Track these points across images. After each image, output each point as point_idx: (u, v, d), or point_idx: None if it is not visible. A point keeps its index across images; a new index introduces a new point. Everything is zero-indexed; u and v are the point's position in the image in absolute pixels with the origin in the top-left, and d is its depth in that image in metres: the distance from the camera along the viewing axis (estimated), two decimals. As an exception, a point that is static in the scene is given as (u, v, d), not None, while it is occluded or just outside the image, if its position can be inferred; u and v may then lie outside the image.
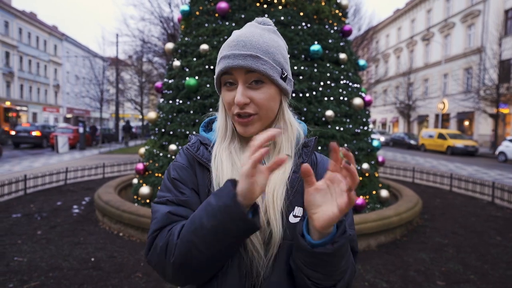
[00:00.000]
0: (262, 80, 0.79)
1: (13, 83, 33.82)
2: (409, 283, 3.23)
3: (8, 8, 32.87)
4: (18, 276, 3.18)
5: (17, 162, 12.29)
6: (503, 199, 6.65)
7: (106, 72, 25.28)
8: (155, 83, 6.21)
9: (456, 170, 12.33)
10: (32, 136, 18.31)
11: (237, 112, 0.78)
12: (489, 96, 19.94)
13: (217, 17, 5.37)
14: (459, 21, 26.33)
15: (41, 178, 7.23)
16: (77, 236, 4.28)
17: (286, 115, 0.86)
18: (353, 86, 5.58)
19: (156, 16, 18.81)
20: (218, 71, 0.81)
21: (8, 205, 5.76)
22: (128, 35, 24.11)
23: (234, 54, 0.78)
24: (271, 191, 0.78)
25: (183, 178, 0.83)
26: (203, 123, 0.95)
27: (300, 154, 0.86)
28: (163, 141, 5.28)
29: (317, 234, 0.68)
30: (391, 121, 36.49)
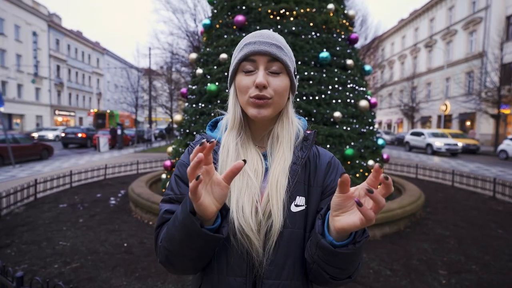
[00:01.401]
0: (280, 71, 0.76)
1: (63, 92, 35.23)
2: (411, 272, 3.08)
3: (59, 28, 34.25)
4: (62, 258, 3.26)
5: (66, 159, 12.76)
6: (505, 194, 6.29)
7: (141, 81, 25.91)
8: (181, 90, 6.26)
9: (458, 167, 11.80)
10: (78, 138, 18.93)
11: (255, 94, 0.74)
12: (490, 98, 19.01)
13: (235, 29, 5.34)
14: (461, 28, 25.24)
15: (84, 173, 7.45)
16: (113, 224, 4.36)
17: (290, 111, 0.82)
18: (359, 89, 5.42)
19: (183, 31, 19.04)
20: (240, 56, 0.77)
21: (56, 197, 5.96)
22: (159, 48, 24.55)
23: (260, 41, 0.76)
24: (274, 183, 0.75)
25: (184, 176, 0.79)
26: (210, 122, 0.91)
27: (301, 147, 0.82)
28: (187, 140, 5.31)
29: (335, 234, 0.64)
30: (396, 122, 35.46)
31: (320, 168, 0.82)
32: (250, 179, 0.75)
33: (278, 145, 0.80)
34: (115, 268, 3.05)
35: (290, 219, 0.74)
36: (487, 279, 2.98)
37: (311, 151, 0.84)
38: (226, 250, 0.74)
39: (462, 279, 2.95)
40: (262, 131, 0.83)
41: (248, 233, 0.71)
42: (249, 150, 0.80)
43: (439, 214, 5.09)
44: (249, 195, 0.74)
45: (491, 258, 3.45)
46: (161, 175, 6.40)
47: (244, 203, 0.73)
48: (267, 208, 0.73)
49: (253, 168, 0.77)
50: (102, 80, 44.13)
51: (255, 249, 0.72)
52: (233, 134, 0.80)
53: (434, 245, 3.78)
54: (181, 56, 20.51)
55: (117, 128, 19.36)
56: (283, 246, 0.74)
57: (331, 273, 0.68)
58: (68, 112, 36.08)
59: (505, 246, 3.81)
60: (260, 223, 0.74)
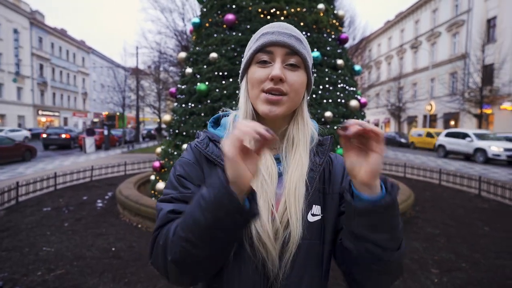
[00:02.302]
0: (298, 65, 0.70)
1: (47, 92, 34.22)
2: (404, 271, 3.09)
3: (41, 25, 33.24)
4: (46, 264, 3.12)
5: (50, 161, 12.37)
6: (489, 191, 6.44)
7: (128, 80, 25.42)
8: (170, 89, 6.14)
9: (444, 165, 12.07)
10: (61, 139, 18.09)
11: (269, 88, 0.68)
12: (473, 98, 19.55)
13: (225, 28, 5.27)
14: (444, 30, 25.89)
15: (70, 175, 7.23)
16: (100, 228, 4.22)
17: (305, 111, 0.76)
18: (349, 89, 5.44)
19: (171, 30, 18.80)
20: (256, 46, 0.70)
21: (40, 200, 5.74)
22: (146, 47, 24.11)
23: (278, 31, 0.70)
24: (292, 190, 0.69)
25: (189, 174, 0.72)
26: (212, 119, 0.83)
27: (316, 153, 0.76)
28: (177, 141, 5.21)
29: (368, 191, 0.58)
30: (383, 122, 36.06)
31: (335, 174, 0.77)
32: (265, 183, 0.69)
33: (294, 149, 0.73)
34: (102, 274, 2.93)
35: (308, 230, 0.68)
36: (477, 277, 3.01)
37: (326, 157, 0.78)
38: (239, 261, 0.67)
39: (453, 277, 2.98)
40: (274, 132, 0.77)
41: (265, 240, 0.65)
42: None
43: (428, 213, 5.16)
44: (265, 200, 0.68)
45: (480, 256, 3.50)
46: (149, 176, 6.26)
47: (260, 208, 0.65)
48: (284, 217, 0.67)
49: (267, 171, 0.70)
50: (87, 79, 43.11)
51: (272, 259, 0.66)
52: None
53: (425, 243, 3.82)
54: (169, 56, 20.25)
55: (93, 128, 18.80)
56: (301, 259, 0.68)
57: (381, 241, 0.59)
58: (52, 112, 35.07)
59: (492, 244, 3.88)
60: (277, 231, 0.67)
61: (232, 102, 4.81)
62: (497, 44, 19.86)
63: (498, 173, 10.33)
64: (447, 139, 15.19)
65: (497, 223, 4.70)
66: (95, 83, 44.88)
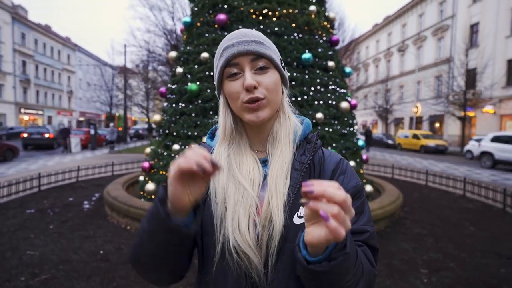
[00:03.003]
0: (267, 66, 0.71)
1: (30, 89, 33.19)
2: (394, 272, 3.13)
3: (24, 20, 32.24)
4: (30, 269, 3.01)
5: (33, 161, 11.99)
6: (474, 192, 6.62)
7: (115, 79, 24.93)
8: (160, 89, 6.05)
9: (429, 166, 12.35)
10: (45, 138, 16.96)
11: (248, 98, 0.68)
12: (457, 101, 20.11)
13: (216, 28, 5.23)
14: (430, 34, 26.54)
15: (54, 175, 7.02)
16: (87, 230, 4.11)
17: (285, 106, 0.77)
18: (340, 91, 5.49)
19: (160, 29, 18.57)
20: (222, 62, 0.71)
21: (23, 201, 5.55)
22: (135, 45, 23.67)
23: (238, 41, 0.70)
24: (273, 182, 0.69)
25: None
26: (210, 131, 0.85)
27: (304, 151, 0.75)
28: (167, 141, 5.13)
29: (311, 248, 0.55)
30: (370, 123, 36.65)
31: (325, 173, 0.74)
32: (245, 190, 0.69)
33: (277, 143, 0.74)
34: (90, 278, 2.85)
35: (293, 232, 0.65)
36: (464, 275, 3.08)
37: (316, 155, 0.77)
38: (224, 273, 0.67)
39: (442, 277, 3.04)
40: (262, 134, 0.77)
41: (246, 249, 0.64)
42: (244, 158, 0.74)
43: (416, 214, 5.26)
44: (245, 207, 0.67)
45: (466, 255, 3.59)
46: (138, 177, 6.14)
47: (240, 217, 0.66)
48: (267, 212, 0.66)
49: (248, 177, 0.71)
50: (73, 77, 42.06)
51: (255, 267, 0.65)
52: (224, 146, 0.75)
53: (414, 244, 3.88)
54: (158, 55, 19.99)
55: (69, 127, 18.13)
56: (286, 263, 0.65)
57: None
58: (36, 111, 34.04)
59: (477, 243, 3.98)
60: (258, 235, 0.66)
61: (224, 103, 4.79)
62: (479, 49, 20.50)
63: (481, 174, 10.64)
64: (496, 145, 11.64)
65: (481, 223, 4.84)
66: (81, 81, 43.83)
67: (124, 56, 21.78)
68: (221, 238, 0.67)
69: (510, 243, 4.02)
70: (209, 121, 4.75)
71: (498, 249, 3.79)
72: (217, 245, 0.67)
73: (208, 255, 0.70)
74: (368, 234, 0.69)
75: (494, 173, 10.86)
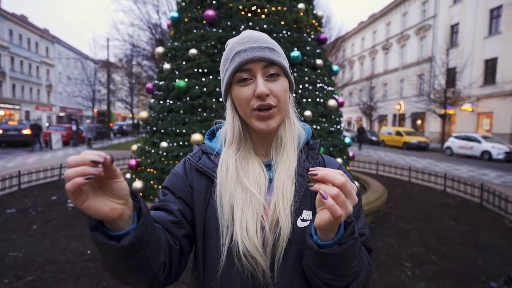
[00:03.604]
0: (278, 73, 0.72)
1: (5, 83, 31.74)
2: (380, 266, 3.24)
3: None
4: (13, 271, 2.92)
5: (11, 158, 11.54)
6: (453, 188, 6.90)
7: (98, 73, 24.23)
8: (146, 85, 5.94)
9: (412, 163, 12.74)
10: (22, 135, 15.47)
11: (258, 105, 0.69)
12: (438, 99, 20.77)
13: (204, 24, 5.18)
14: (413, 33, 27.19)
15: (36, 173, 6.79)
16: (73, 230, 4.02)
17: (291, 112, 0.79)
18: (328, 89, 5.57)
19: (144, 22, 18.16)
20: (233, 67, 0.71)
21: (2, 201, 5.35)
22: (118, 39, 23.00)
23: (251, 47, 0.70)
24: (280, 188, 0.71)
25: (172, 186, 0.77)
26: (209, 132, 0.86)
27: (307, 157, 0.78)
28: (154, 138, 5.06)
29: (321, 234, 0.60)
30: (355, 120, 37.34)
31: None
32: (253, 195, 0.71)
33: (282, 149, 0.76)
34: (79, 279, 2.80)
35: (297, 236, 0.69)
36: (446, 268, 3.23)
37: (317, 161, 0.80)
38: (230, 278, 0.69)
39: (425, 270, 3.18)
40: (266, 140, 0.79)
41: (254, 254, 0.67)
42: (251, 164, 0.76)
43: (400, 209, 5.44)
44: (253, 211, 0.69)
45: (447, 249, 3.75)
46: (125, 174, 6.04)
47: (248, 221, 0.68)
48: (274, 216, 0.69)
49: (255, 183, 0.73)
50: (52, 71, 40.50)
51: (261, 270, 0.68)
52: (232, 150, 0.76)
53: (398, 239, 4.03)
54: (143, 49, 19.59)
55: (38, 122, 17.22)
56: (290, 264, 0.69)
57: (323, 278, 0.63)
58: (12, 105, 32.64)
59: (457, 237, 4.18)
60: (266, 237, 0.69)
61: (212, 100, 4.76)
62: (459, 49, 21.21)
63: (459, 170, 11.09)
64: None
65: (460, 217, 5.06)
66: (61, 75, 42.28)
67: (107, 50, 21.23)
68: (227, 243, 0.68)
69: (486, 236, 4.24)
70: (197, 118, 4.72)
71: (476, 242, 3.99)
72: (223, 251, 0.68)
73: (211, 259, 0.71)
74: (365, 236, 0.74)
75: (472, 169, 11.34)
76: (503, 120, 18.33)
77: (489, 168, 11.75)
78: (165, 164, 4.67)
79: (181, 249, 0.72)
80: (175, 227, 0.71)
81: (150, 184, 4.69)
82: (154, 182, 4.69)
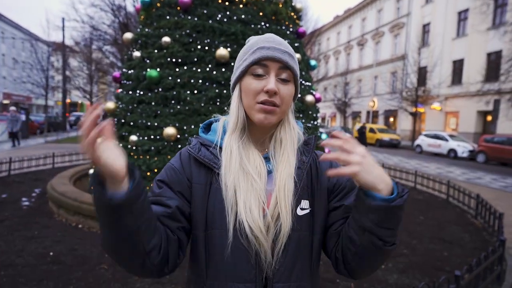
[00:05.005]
0: (289, 79, 0.81)
1: None
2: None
3: None
4: (-35, 276, 2.77)
5: None
6: (423, 184, 7.44)
7: (52, 57, 22.71)
8: (113, 73, 5.75)
9: (384, 160, 13.48)
10: None
11: (264, 99, 0.78)
12: (409, 97, 22.00)
13: (179, 10, 5.10)
14: (387, 30, 28.47)
15: (-19, 169, 6.33)
16: (30, 230, 3.84)
17: (291, 117, 0.88)
18: (305, 84, 5.74)
19: (107, 3, 17.31)
20: (252, 59, 0.79)
21: None
22: (76, 20, 21.74)
23: (273, 47, 0.79)
24: (282, 186, 0.78)
25: (169, 179, 0.81)
26: (203, 125, 0.92)
27: (303, 151, 0.87)
28: (123, 131, 4.93)
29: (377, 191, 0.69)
30: (329, 116, 38.49)
31: (321, 171, 0.88)
32: (255, 181, 0.78)
33: (282, 149, 0.84)
34: (41, 282, 2.72)
35: (297, 222, 0.79)
36: (416, 260, 3.55)
37: (312, 156, 0.89)
38: (234, 255, 0.76)
39: (397, 262, 3.46)
40: (263, 135, 0.87)
41: (258, 234, 0.75)
42: (251, 152, 0.83)
43: (373, 205, 5.79)
44: (255, 197, 0.77)
45: (416, 242, 4.10)
46: (87, 170, 5.83)
47: (251, 205, 0.76)
48: (275, 211, 0.77)
49: (256, 170, 0.80)
50: (-5, 52, 37.25)
51: (264, 250, 0.76)
52: (235, 136, 0.82)
53: (372, 233, 4.31)
54: (104, 32, 18.69)
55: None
56: (292, 248, 0.79)
57: (385, 237, 0.70)
58: None
59: (426, 231, 4.56)
60: (268, 225, 0.77)
61: (187, 92, 4.73)
62: (430, 49, 22.60)
63: (428, 167, 11.93)
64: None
65: (429, 212, 5.51)
66: (4, 56, 38.99)
67: (63, 31, 19.97)
68: (232, 221, 0.76)
69: (451, 229, 4.67)
70: (170, 111, 4.67)
71: (442, 235, 4.39)
72: (229, 228, 0.76)
73: (216, 246, 0.78)
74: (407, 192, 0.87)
75: (439, 166, 12.24)
76: (468, 120, 19.90)
77: (454, 165, 12.76)
78: (135, 159, 4.58)
79: (179, 240, 0.78)
80: (171, 220, 0.77)
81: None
82: (122, 178, 4.58)
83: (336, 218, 0.84)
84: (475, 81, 17.98)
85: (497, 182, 9.33)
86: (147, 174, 4.48)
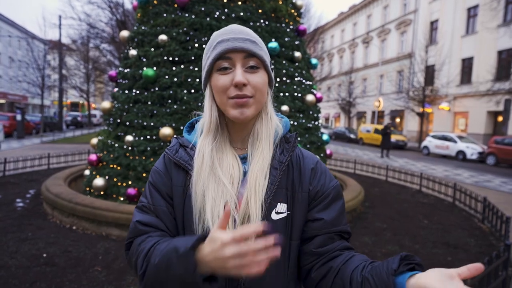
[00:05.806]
0: (257, 66, 0.78)
1: None
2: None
3: None
4: (-43, 277, 2.82)
5: None
6: (428, 187, 7.44)
7: (48, 56, 22.89)
8: (109, 72, 5.80)
9: (389, 162, 13.46)
10: None
11: (235, 94, 0.75)
12: (416, 97, 21.92)
13: (176, 7, 5.16)
14: (394, 27, 28.44)
15: (-25, 169, 6.41)
16: (24, 232, 3.90)
17: (269, 107, 0.84)
18: (306, 83, 5.78)
19: (104, 1, 17.45)
20: (214, 55, 0.77)
21: None
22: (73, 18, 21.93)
23: (233, 37, 0.77)
24: (253, 182, 0.77)
25: (156, 184, 0.82)
26: (187, 124, 0.91)
27: (282, 150, 0.84)
28: (118, 131, 4.99)
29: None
30: (333, 116, 38.44)
31: (304, 172, 0.84)
32: (225, 187, 0.76)
33: (258, 143, 0.82)
34: (34, 284, 2.76)
35: (272, 227, 0.73)
36: (417, 265, 3.56)
37: (294, 154, 0.86)
38: None
39: (397, 267, 3.47)
40: (243, 132, 0.84)
41: None
42: (225, 155, 0.81)
43: (376, 208, 5.80)
44: (224, 202, 0.75)
45: (419, 247, 4.11)
46: (83, 170, 5.89)
47: (219, 212, 0.74)
48: (246, 210, 0.75)
49: (228, 174, 0.79)
50: (-10, 50, 37.54)
51: None
52: (208, 139, 0.81)
53: (374, 237, 4.33)
54: (101, 30, 18.83)
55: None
56: None
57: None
58: None
59: (429, 235, 4.57)
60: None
61: (184, 91, 4.78)
62: (438, 46, 22.53)
63: (435, 169, 11.91)
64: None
65: (434, 216, 5.51)
66: (0, 55, 39.35)
67: (59, 29, 20.14)
68: (200, 230, 0.75)
69: (456, 234, 4.68)
70: (167, 110, 4.72)
71: (447, 239, 4.40)
72: None
73: None
74: (348, 235, 0.84)
75: (447, 169, 12.22)
76: (478, 120, 19.80)
77: (463, 168, 12.73)
78: (131, 159, 4.64)
79: None
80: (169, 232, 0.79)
81: (114, 182, 4.63)
82: (118, 179, 4.64)
83: (314, 233, 0.81)
84: (485, 80, 17.92)
85: (507, 185, 9.31)
86: (143, 175, 4.53)
